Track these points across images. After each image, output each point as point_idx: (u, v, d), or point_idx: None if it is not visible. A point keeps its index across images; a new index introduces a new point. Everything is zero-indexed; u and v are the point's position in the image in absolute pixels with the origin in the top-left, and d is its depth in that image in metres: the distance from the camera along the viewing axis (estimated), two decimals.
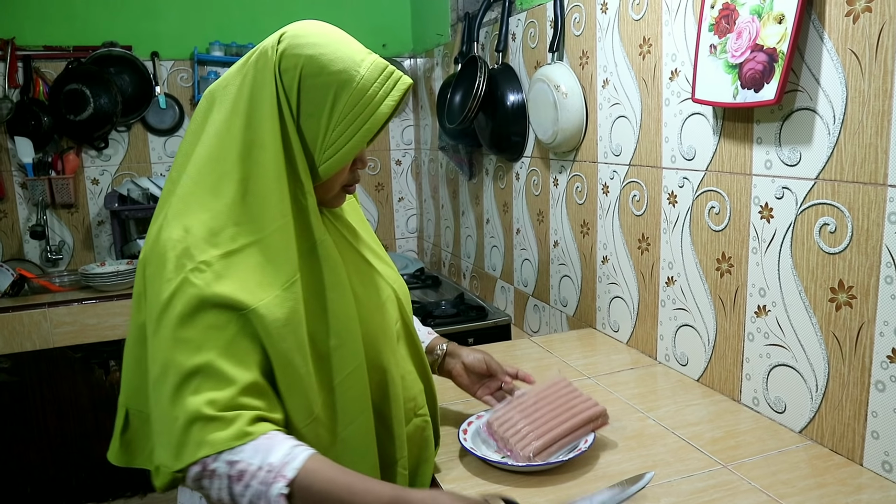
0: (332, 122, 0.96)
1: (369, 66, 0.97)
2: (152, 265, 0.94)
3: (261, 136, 0.95)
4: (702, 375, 1.53)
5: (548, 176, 2.13)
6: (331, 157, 0.97)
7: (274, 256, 0.94)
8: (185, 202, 0.96)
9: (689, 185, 1.51)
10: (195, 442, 0.86)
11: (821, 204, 1.19)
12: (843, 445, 1.19)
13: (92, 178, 3.08)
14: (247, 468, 0.86)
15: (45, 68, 2.93)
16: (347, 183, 1.06)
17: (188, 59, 3.12)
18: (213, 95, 1.01)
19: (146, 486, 2.79)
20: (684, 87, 1.49)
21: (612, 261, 1.84)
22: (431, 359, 1.31)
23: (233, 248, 0.93)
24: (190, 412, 0.87)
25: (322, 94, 0.95)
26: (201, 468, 0.87)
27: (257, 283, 0.93)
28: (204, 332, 0.89)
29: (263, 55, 0.97)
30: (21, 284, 2.70)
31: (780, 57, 1.19)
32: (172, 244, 0.93)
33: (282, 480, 0.85)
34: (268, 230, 0.94)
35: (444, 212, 3.15)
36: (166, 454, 0.89)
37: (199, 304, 0.90)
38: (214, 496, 0.89)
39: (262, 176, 0.95)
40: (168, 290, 0.91)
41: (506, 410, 1.25)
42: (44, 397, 2.61)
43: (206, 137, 0.98)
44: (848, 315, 1.16)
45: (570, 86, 1.89)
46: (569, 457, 1.16)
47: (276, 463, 0.86)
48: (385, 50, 3.36)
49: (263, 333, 0.91)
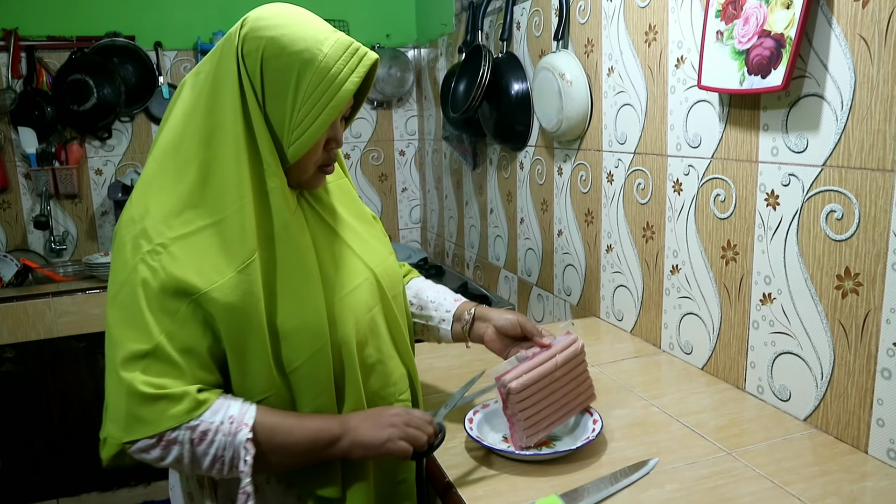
0: (297, 103, 0.95)
1: (332, 44, 0.96)
2: (114, 246, 0.98)
3: (222, 121, 0.96)
4: (706, 364, 1.52)
5: (552, 165, 2.12)
6: (298, 137, 0.97)
7: (230, 238, 0.95)
8: (147, 185, 0.98)
9: (695, 173, 1.50)
10: (150, 419, 0.91)
11: (828, 191, 1.18)
12: (847, 433, 1.19)
13: (95, 168, 3.08)
14: (209, 427, 0.93)
15: (48, 59, 2.93)
16: (322, 163, 1.05)
17: (191, 49, 3.12)
18: (185, 83, 1.03)
19: (150, 476, 2.80)
20: (690, 74, 1.48)
21: (617, 249, 1.83)
22: (460, 325, 1.28)
23: (189, 230, 0.95)
24: (140, 391, 0.90)
25: (285, 75, 0.95)
26: (156, 440, 0.91)
27: (212, 265, 0.94)
28: (155, 316, 0.92)
29: (228, 40, 0.98)
30: (25, 274, 2.71)
31: (787, 42, 1.18)
32: (131, 226, 0.95)
33: (245, 428, 0.94)
34: (226, 212, 0.95)
35: (447, 202, 3.15)
36: (115, 427, 0.93)
37: (151, 287, 0.92)
38: (167, 462, 0.94)
39: (221, 160, 0.96)
40: (123, 273, 0.94)
41: (530, 381, 1.14)
42: (48, 387, 2.62)
43: (171, 123, 1.00)
44: (854, 302, 1.15)
45: (575, 74, 1.88)
46: (576, 445, 1.16)
47: (236, 415, 0.94)
48: (389, 40, 3.35)
49: (216, 317, 0.94)
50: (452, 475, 1.12)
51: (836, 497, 1.03)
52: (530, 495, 1.05)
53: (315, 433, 0.99)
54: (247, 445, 0.93)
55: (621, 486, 1.06)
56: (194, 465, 0.94)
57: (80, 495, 2.75)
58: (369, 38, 3.31)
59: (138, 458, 0.94)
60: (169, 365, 0.92)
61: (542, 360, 1.17)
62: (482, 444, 1.17)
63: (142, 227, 0.94)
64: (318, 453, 1.00)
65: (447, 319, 1.29)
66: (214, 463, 0.94)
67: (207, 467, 0.94)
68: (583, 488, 1.06)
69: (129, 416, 0.91)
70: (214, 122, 0.96)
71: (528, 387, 1.13)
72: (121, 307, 0.94)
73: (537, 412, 1.15)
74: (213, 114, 0.97)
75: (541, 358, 1.17)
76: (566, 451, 1.15)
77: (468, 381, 1.19)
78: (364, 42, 1.03)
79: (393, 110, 3.46)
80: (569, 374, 1.20)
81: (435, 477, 1.15)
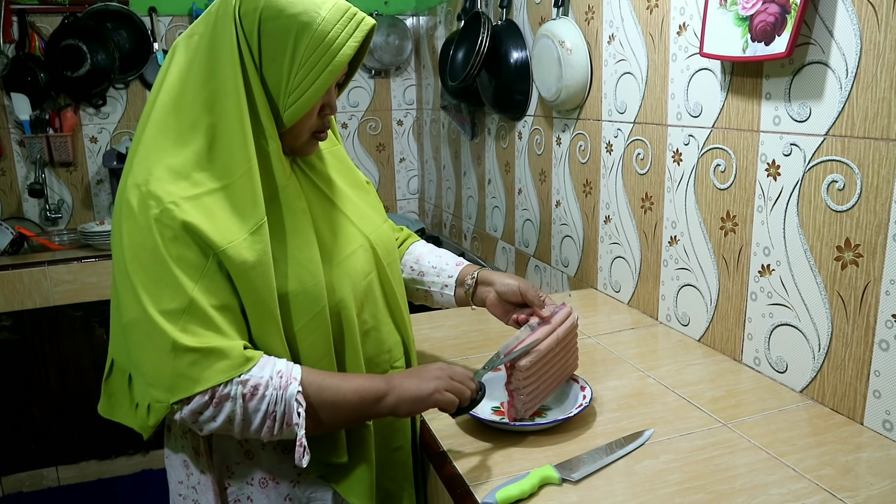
0: (294, 67, 0.94)
1: (330, 7, 0.95)
2: (122, 210, 0.95)
3: (223, 84, 0.94)
4: (703, 335, 1.52)
5: (551, 135, 2.10)
6: (294, 101, 0.96)
7: (240, 201, 0.94)
8: (147, 150, 0.96)
9: (695, 143, 1.48)
10: (199, 375, 0.90)
11: (830, 160, 1.16)
12: (843, 405, 1.18)
13: (90, 136, 3.05)
14: (259, 381, 0.92)
15: (40, 23, 2.88)
16: (316, 129, 1.04)
17: (187, 14, 3.07)
18: (177, 45, 1.01)
19: (149, 444, 2.82)
20: (692, 41, 1.45)
21: (615, 220, 1.81)
22: (463, 290, 1.28)
23: (199, 191, 0.93)
24: (186, 345, 0.89)
25: (282, 37, 0.94)
26: (209, 397, 0.90)
27: (225, 226, 0.93)
28: (185, 272, 0.91)
29: (224, 2, 0.96)
30: (20, 243, 2.70)
31: (792, 8, 1.15)
32: (135, 190, 0.93)
33: (294, 381, 0.94)
34: (234, 175, 0.94)
35: (445, 172, 3.12)
36: (159, 390, 0.91)
37: (173, 244, 0.91)
38: (217, 424, 0.92)
39: (226, 123, 0.95)
40: (139, 235, 0.92)
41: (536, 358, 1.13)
42: (45, 355, 2.62)
43: (168, 86, 0.98)
44: (854, 274, 1.14)
45: (575, 42, 1.85)
46: (572, 413, 1.15)
47: (283, 370, 0.95)
48: (387, 7, 3.30)
49: (235, 274, 0.93)
50: (447, 445, 1.12)
51: (830, 468, 1.03)
52: (525, 465, 1.05)
53: (362, 389, 0.99)
54: (298, 399, 0.93)
55: (616, 456, 1.06)
56: (245, 424, 0.93)
57: (79, 463, 2.77)
58: (367, 5, 3.25)
59: (188, 420, 0.93)
60: (207, 321, 0.91)
61: (545, 335, 1.15)
62: (476, 417, 1.15)
63: (147, 189, 0.92)
64: (366, 410, 1.00)
65: (450, 285, 1.29)
66: (265, 420, 0.93)
67: (257, 426, 0.94)
68: (578, 459, 1.06)
69: (175, 376, 0.90)
70: (215, 86, 0.95)
71: (534, 363, 1.13)
72: (144, 269, 0.91)
73: (537, 386, 1.15)
74: (213, 77, 0.95)
75: (542, 332, 1.16)
76: (564, 418, 1.15)
77: (506, 342, 1.17)
78: (362, 9, 1.01)
79: (391, 79, 3.42)
80: (564, 347, 1.20)
81: (429, 446, 1.15)
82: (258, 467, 1.07)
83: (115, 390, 1.05)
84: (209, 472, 1.06)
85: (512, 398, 1.15)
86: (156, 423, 0.94)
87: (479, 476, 1.03)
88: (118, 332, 1.00)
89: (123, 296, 0.94)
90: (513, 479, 0.99)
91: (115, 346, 1.03)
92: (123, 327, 0.94)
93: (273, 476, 1.07)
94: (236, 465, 1.07)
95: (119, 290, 0.95)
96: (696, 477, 1.01)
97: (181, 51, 0.99)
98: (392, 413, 1.02)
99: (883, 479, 1.00)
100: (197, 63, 0.97)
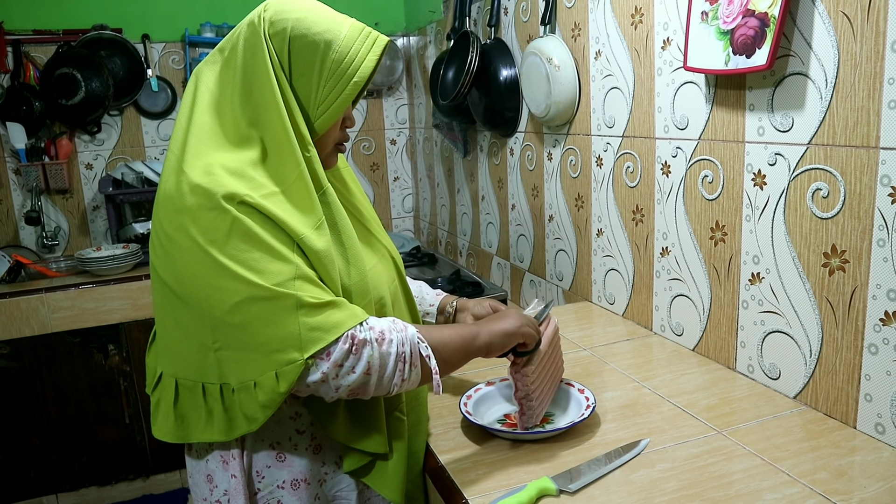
0: (322, 79, 1.02)
1: (349, 26, 1.04)
2: (184, 215, 0.96)
3: (264, 99, 1.00)
4: (697, 345, 1.53)
5: (542, 150, 2.12)
6: (325, 111, 1.04)
7: (299, 203, 1.00)
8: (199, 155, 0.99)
9: (683, 155, 1.50)
10: (332, 323, 0.95)
11: (813, 169, 1.18)
12: (836, 409, 1.20)
13: (86, 162, 3.07)
14: (382, 327, 1.00)
15: (34, 52, 2.91)
16: (339, 140, 1.13)
17: (179, 41, 3.10)
18: (200, 72, 1.07)
19: (148, 469, 2.80)
20: (676, 55, 1.48)
21: (607, 233, 1.83)
22: (443, 318, 1.38)
23: (265, 192, 0.97)
24: (311, 301, 0.95)
25: (311, 52, 1.01)
26: (349, 345, 0.96)
27: (295, 221, 0.98)
28: (283, 243, 0.96)
29: (251, 25, 1.03)
30: (18, 270, 2.71)
31: (771, 21, 1.18)
32: (210, 188, 0.95)
33: (412, 327, 1.03)
34: (288, 181, 1.00)
35: (439, 190, 3.15)
36: (287, 354, 0.94)
37: (263, 223, 0.95)
38: (358, 372, 0.97)
39: (273, 134, 1.00)
40: (222, 225, 0.94)
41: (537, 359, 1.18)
42: (44, 382, 2.62)
43: (201, 109, 1.03)
44: (841, 279, 1.16)
45: (563, 58, 1.88)
46: (569, 424, 1.17)
47: (397, 320, 1.04)
48: (378, 28, 3.33)
49: (313, 259, 0.98)
50: (444, 459, 1.13)
51: (825, 472, 1.04)
52: (522, 477, 1.06)
53: (458, 331, 1.10)
54: (420, 336, 1.02)
55: (613, 467, 1.07)
56: (381, 371, 0.98)
57: (79, 490, 2.76)
58: None
59: (329, 374, 0.96)
60: (316, 284, 0.97)
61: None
62: (478, 425, 1.18)
63: (219, 185, 0.94)
64: (468, 347, 1.09)
65: (431, 312, 1.39)
66: (398, 362, 0.99)
67: (391, 370, 0.99)
68: (575, 470, 1.06)
69: (306, 331, 0.94)
70: (256, 103, 1.00)
71: (536, 367, 1.17)
72: (241, 251, 0.94)
73: (542, 391, 1.19)
74: (251, 95, 1.01)
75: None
76: (558, 429, 1.16)
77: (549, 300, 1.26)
78: None
79: (383, 99, 3.45)
80: (554, 349, 1.26)
81: (427, 460, 1.16)
82: (290, 470, 1.08)
83: (186, 411, 1.04)
84: (240, 477, 1.06)
85: (522, 406, 1.17)
86: (287, 389, 0.95)
87: (477, 489, 1.04)
88: (181, 350, 1.01)
89: (218, 284, 0.94)
90: (510, 491, 1.00)
91: (176, 365, 1.03)
92: (226, 314, 0.94)
93: (305, 477, 1.09)
94: (267, 468, 1.08)
95: (203, 287, 0.95)
96: (693, 485, 1.02)
97: (208, 75, 1.05)
98: (488, 348, 1.11)
99: (876, 482, 1.01)
100: (230, 84, 1.03)
